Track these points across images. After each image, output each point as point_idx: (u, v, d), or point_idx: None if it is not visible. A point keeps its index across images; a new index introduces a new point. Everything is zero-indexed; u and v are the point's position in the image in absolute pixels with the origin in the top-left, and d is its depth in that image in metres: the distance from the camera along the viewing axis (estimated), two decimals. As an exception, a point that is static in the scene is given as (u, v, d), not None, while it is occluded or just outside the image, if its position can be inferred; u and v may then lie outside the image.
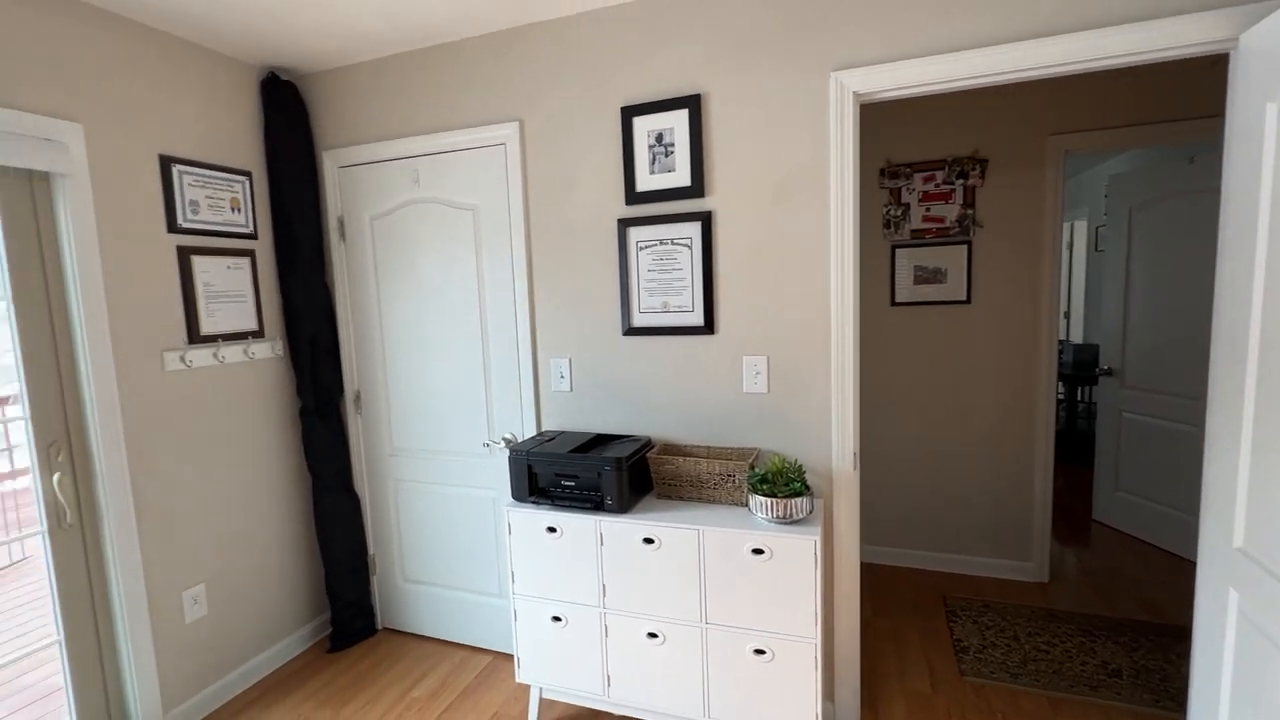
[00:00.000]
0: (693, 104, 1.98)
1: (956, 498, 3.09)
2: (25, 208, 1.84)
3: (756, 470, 1.87)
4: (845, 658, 2.07)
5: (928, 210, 2.98)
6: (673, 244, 2.07)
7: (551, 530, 1.98)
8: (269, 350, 2.48)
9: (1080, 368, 4.95)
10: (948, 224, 2.96)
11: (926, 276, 3.02)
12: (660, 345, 2.14)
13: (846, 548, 2.02)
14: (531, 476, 2.02)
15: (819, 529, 1.73)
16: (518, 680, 2.12)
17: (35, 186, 1.86)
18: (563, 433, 2.22)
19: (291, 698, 2.34)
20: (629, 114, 2.07)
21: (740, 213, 1.99)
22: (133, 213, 2.04)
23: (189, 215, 2.20)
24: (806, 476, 1.92)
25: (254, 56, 2.36)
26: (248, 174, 2.41)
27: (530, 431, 2.35)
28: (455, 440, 2.51)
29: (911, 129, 2.97)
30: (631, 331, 2.16)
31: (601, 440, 2.14)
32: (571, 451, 1.97)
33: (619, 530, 1.90)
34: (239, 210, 2.37)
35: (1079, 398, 5.51)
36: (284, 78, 2.50)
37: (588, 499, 1.95)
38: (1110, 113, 2.73)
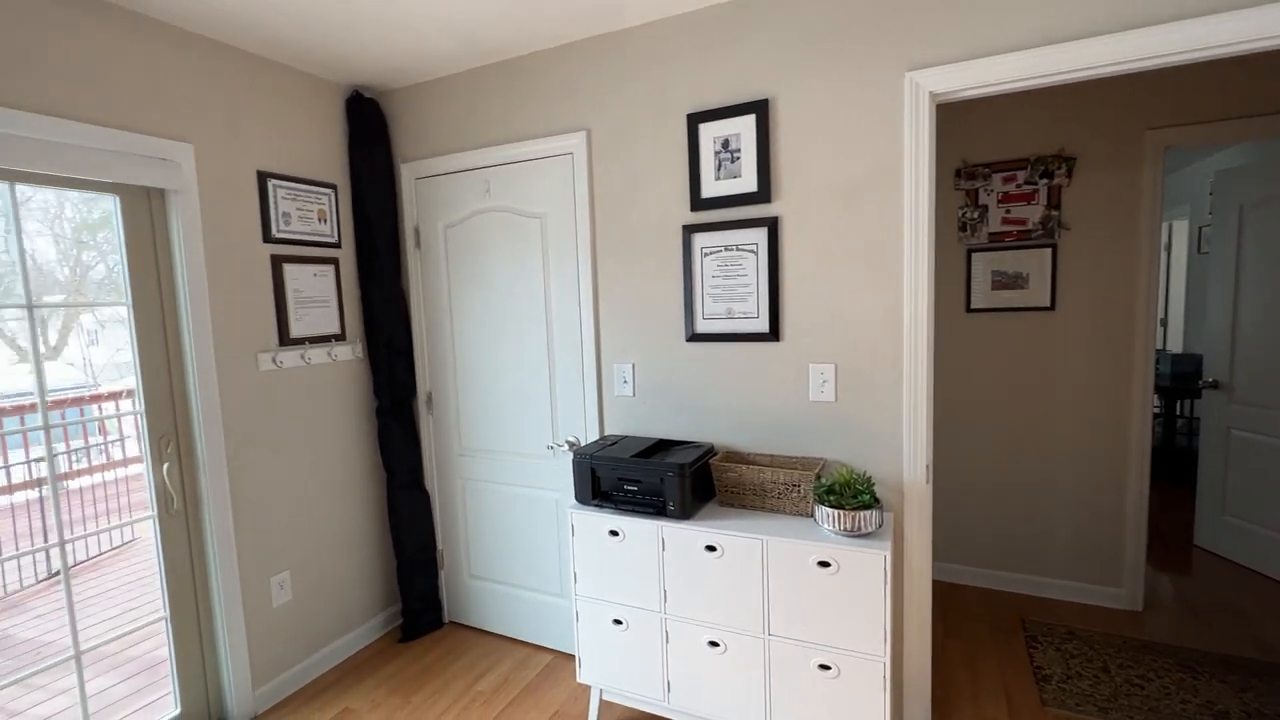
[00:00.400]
0: (760, 109, 1.97)
1: (1037, 516, 2.91)
2: (144, 221, 2.03)
3: (823, 481, 1.82)
4: (915, 679, 1.99)
5: (1008, 212, 2.84)
6: (738, 250, 2.05)
7: (614, 534, 2.00)
8: (350, 352, 2.63)
9: (1180, 380, 4.56)
10: (1030, 226, 2.80)
11: (1006, 282, 2.87)
12: (724, 351, 2.12)
13: (917, 564, 1.94)
14: (595, 480, 2.05)
15: (889, 543, 1.67)
16: (579, 680, 2.15)
17: (152, 202, 2.04)
18: (625, 437, 2.24)
19: (365, 683, 2.46)
20: (695, 121, 2.07)
21: (808, 218, 1.95)
22: (234, 225, 2.21)
23: (281, 226, 2.36)
24: (875, 489, 1.86)
25: (340, 76, 2.52)
26: (333, 187, 2.56)
27: (593, 435, 2.38)
28: (520, 442, 2.57)
29: (990, 127, 2.84)
30: (695, 338, 2.15)
31: (664, 446, 2.14)
32: (634, 456, 1.99)
33: (681, 536, 1.89)
34: (325, 221, 2.53)
35: (1178, 412, 5.08)
36: (367, 95, 2.65)
37: (650, 504, 1.96)
38: (1218, 104, 2.52)
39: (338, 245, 2.58)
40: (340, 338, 2.59)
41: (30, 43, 1.71)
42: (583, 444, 2.41)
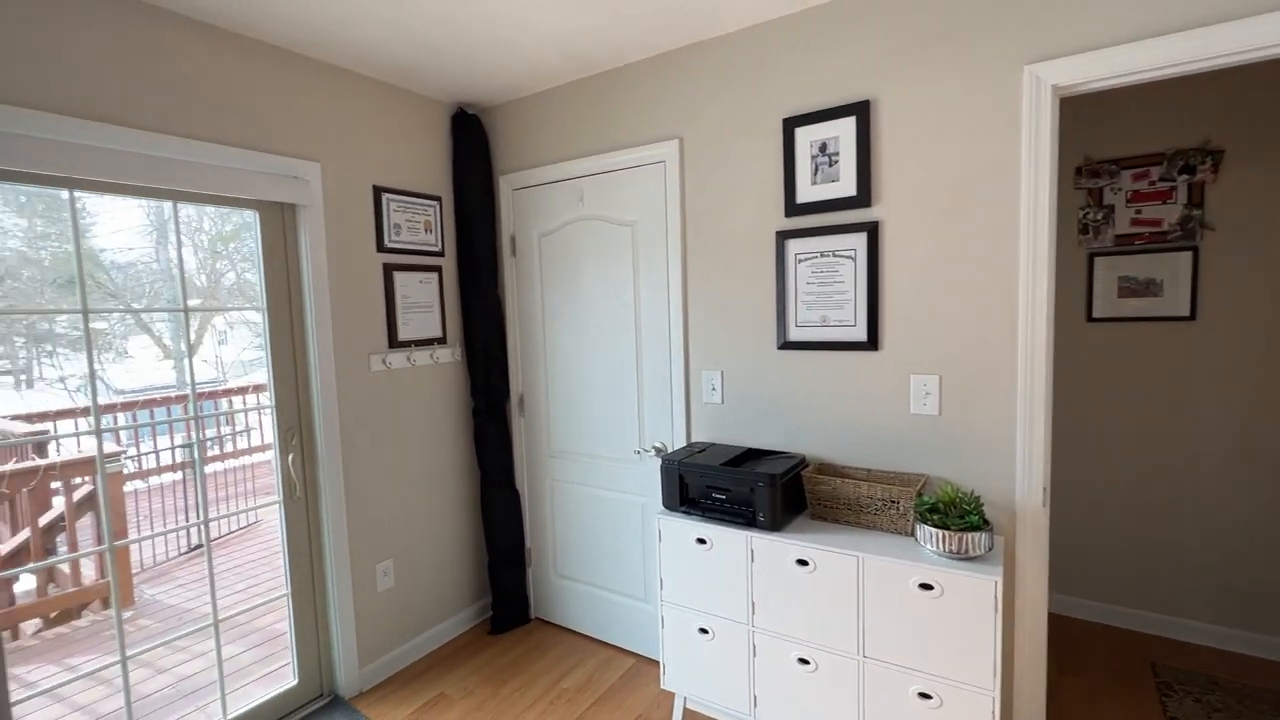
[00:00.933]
0: (860, 110, 1.90)
1: (1173, 549, 2.62)
2: (277, 233, 2.24)
3: (925, 498, 1.73)
4: (1028, 717, 1.84)
5: (1138, 212, 2.58)
6: (834, 256, 1.99)
7: (701, 542, 1.98)
8: (450, 355, 2.78)
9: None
10: (1165, 228, 2.53)
11: (1135, 288, 2.61)
12: (817, 360, 2.06)
13: (1032, 594, 1.79)
14: (683, 486, 2.05)
15: (999, 569, 1.56)
16: (662, 686, 2.15)
17: (285, 216, 2.25)
18: (713, 445, 2.22)
19: (458, 671, 2.57)
20: (791, 125, 2.03)
21: (912, 222, 1.87)
22: (352, 236, 2.40)
23: (393, 237, 2.54)
24: (984, 510, 1.74)
25: (447, 95, 2.67)
26: (438, 199, 2.72)
27: (680, 441, 2.38)
28: (608, 445, 2.61)
29: (1118, 119, 2.59)
30: (787, 346, 2.11)
31: (753, 455, 2.11)
32: (723, 465, 1.97)
33: (771, 548, 1.85)
34: (430, 231, 2.69)
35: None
36: (470, 112, 2.79)
37: (739, 514, 1.93)
38: None
39: (441, 254, 2.73)
40: (442, 341, 2.74)
41: (193, 77, 1.93)
42: (670, 450, 2.42)
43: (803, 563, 1.80)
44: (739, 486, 1.92)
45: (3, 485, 3.13)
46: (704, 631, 2.01)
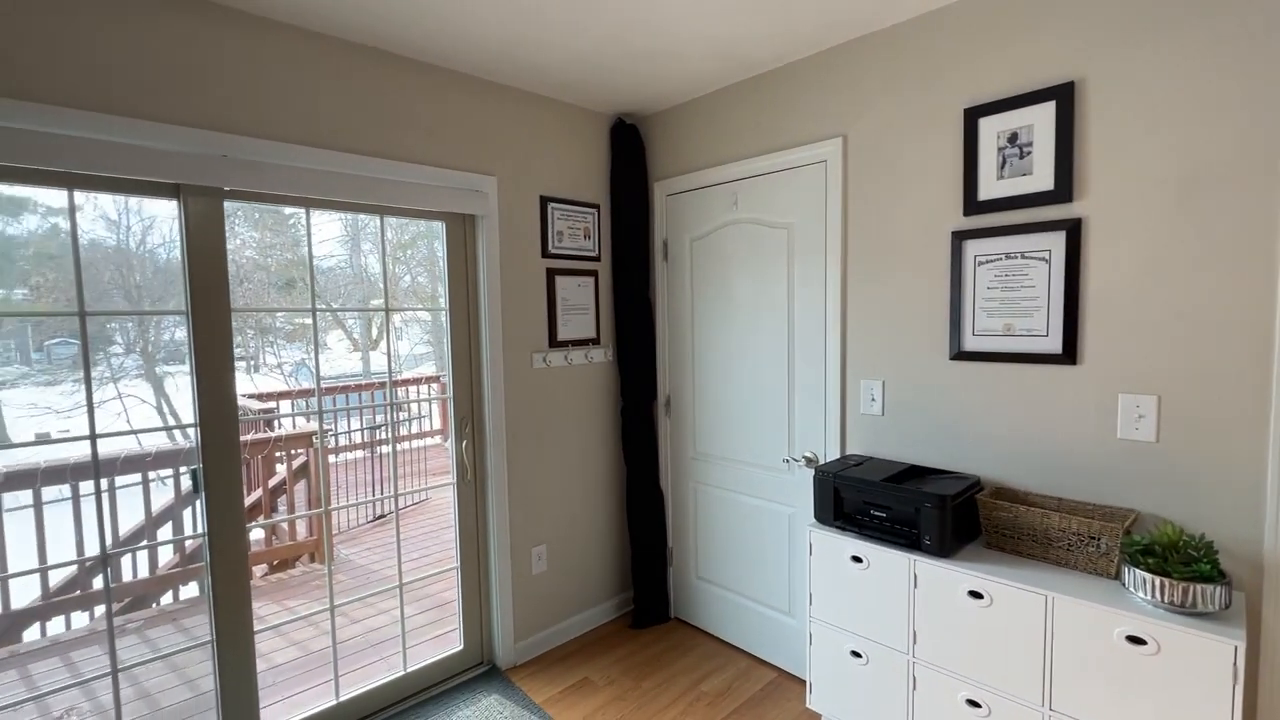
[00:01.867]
0: (1062, 94, 1.69)
1: None
2: (459, 242, 2.48)
3: (1136, 538, 1.49)
4: (1269, 815, 1.52)
5: None
6: (1023, 258, 1.79)
7: (857, 560, 1.88)
8: (602, 355, 2.90)
9: None
10: None
11: None
12: (998, 373, 1.87)
13: (1281, 666, 1.48)
14: (838, 500, 1.96)
15: (1241, 632, 1.30)
16: (807, 705, 2.07)
17: (465, 226, 2.49)
18: (870, 458, 2.10)
19: (601, 659, 2.68)
20: (973, 116, 1.86)
21: (1126, 218, 1.62)
22: (521, 243, 2.59)
23: (556, 243, 2.70)
24: (1219, 559, 1.46)
25: (607, 107, 2.80)
26: (596, 206, 2.85)
27: (833, 453, 2.28)
28: (755, 452, 2.57)
29: None
30: (961, 356, 1.93)
31: (916, 473, 1.96)
32: (884, 481, 1.85)
33: (938, 575, 1.71)
34: (589, 237, 2.83)
35: None
36: (628, 121, 2.90)
37: (900, 534, 1.81)
38: None
39: (597, 259, 2.87)
40: (596, 342, 2.87)
41: (401, 107, 2.21)
42: (822, 461, 2.33)
43: (976, 595, 1.64)
44: (902, 505, 1.79)
45: (245, 453, 3.79)
46: (857, 655, 1.91)
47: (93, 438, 1.79)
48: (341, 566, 3.91)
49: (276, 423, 5.05)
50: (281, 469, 4.00)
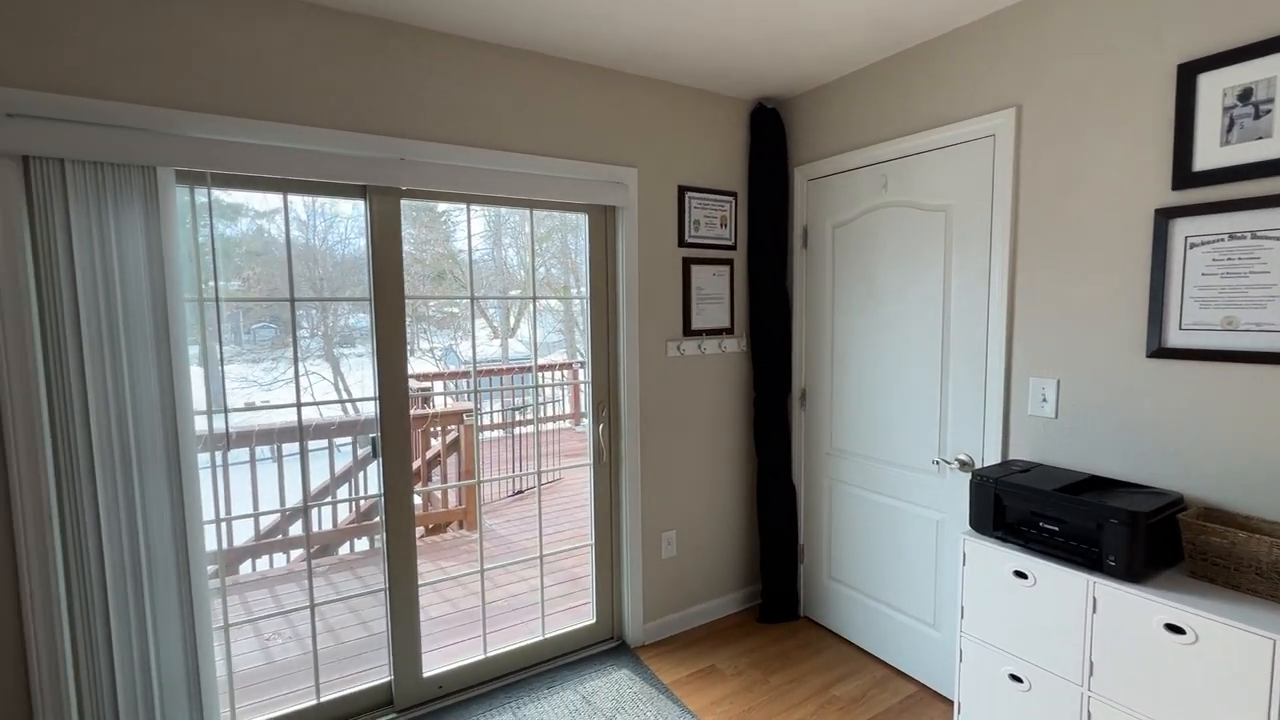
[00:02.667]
0: (1320, 37, 1.39)
1: None
2: (600, 232, 2.57)
3: None
4: None
5: None
6: (1253, 238, 1.50)
7: (1020, 576, 1.71)
8: (736, 345, 2.87)
9: None
10: None
11: None
12: (1215, 374, 1.59)
13: None
14: (999, 509, 1.79)
15: None
16: (954, 727, 1.92)
17: (606, 217, 2.57)
18: (1038, 465, 1.89)
19: (729, 649, 2.67)
20: (1190, 72, 1.59)
21: None
22: (659, 232, 2.63)
23: (692, 232, 2.71)
24: None
25: (747, 92, 2.74)
26: (733, 194, 2.82)
27: (992, 456, 2.08)
28: (900, 452, 2.42)
29: None
30: (1163, 353, 1.67)
31: (1097, 484, 1.73)
32: (1058, 491, 1.66)
33: (1124, 603, 1.50)
34: (725, 226, 2.80)
35: None
36: (769, 106, 2.82)
37: (1076, 551, 1.61)
38: None
39: (733, 248, 2.84)
40: (729, 332, 2.85)
41: (555, 104, 2.32)
42: (979, 465, 2.13)
43: (1175, 629, 1.42)
44: (1081, 520, 1.60)
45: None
46: (1016, 679, 1.73)
47: (298, 406, 2.10)
48: (486, 535, 4.25)
49: (430, 401, 5.58)
50: (436, 443, 4.42)
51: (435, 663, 2.37)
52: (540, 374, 7.47)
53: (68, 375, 1.62)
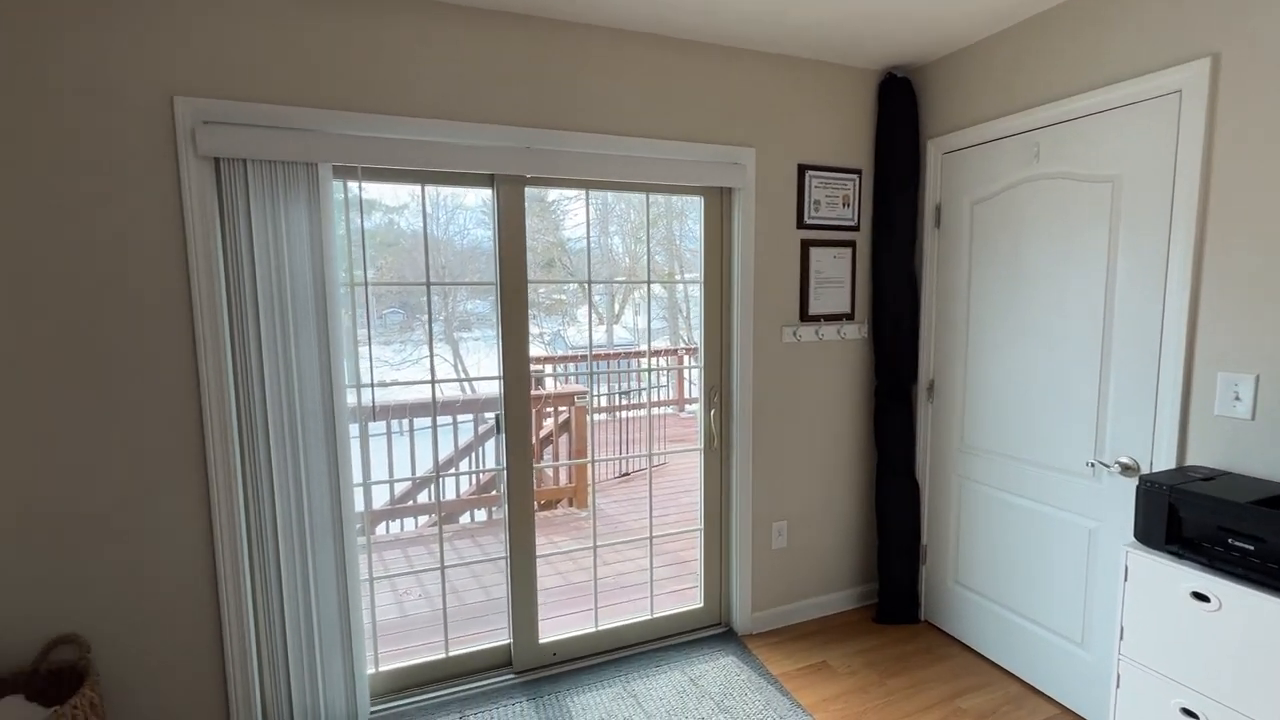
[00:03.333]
0: None
1: None
2: (715, 215, 2.53)
3: None
4: None
5: None
6: None
7: (1200, 599, 1.49)
8: (856, 332, 2.73)
9: None
10: None
11: None
12: None
13: None
14: (1173, 520, 1.57)
15: None
16: (1107, 758, 1.73)
17: (722, 199, 2.53)
18: (1226, 474, 1.64)
19: (841, 646, 2.58)
20: None
21: None
22: (776, 214, 2.55)
23: (812, 213, 2.60)
24: None
25: (876, 62, 2.57)
26: (857, 171, 2.66)
27: (1164, 461, 1.83)
28: (1045, 451, 2.20)
29: None
30: None
31: (1309, 499, 1.47)
32: (1257, 504, 1.43)
33: (1345, 640, 1.27)
34: (848, 205, 2.66)
35: None
36: (899, 75, 2.63)
37: (1278, 575, 1.38)
38: None
39: (855, 228, 2.69)
40: (850, 317, 2.71)
41: (664, 86, 2.30)
42: (1147, 470, 1.89)
43: None
44: (1287, 539, 1.36)
45: (521, 405, 4.45)
46: (1190, 715, 1.52)
47: (432, 383, 2.26)
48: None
49: (542, 383, 5.81)
50: (548, 423, 4.61)
51: (549, 631, 2.49)
52: (647, 359, 7.55)
53: (249, 350, 1.85)
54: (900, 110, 2.59)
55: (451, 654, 2.34)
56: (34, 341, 1.69)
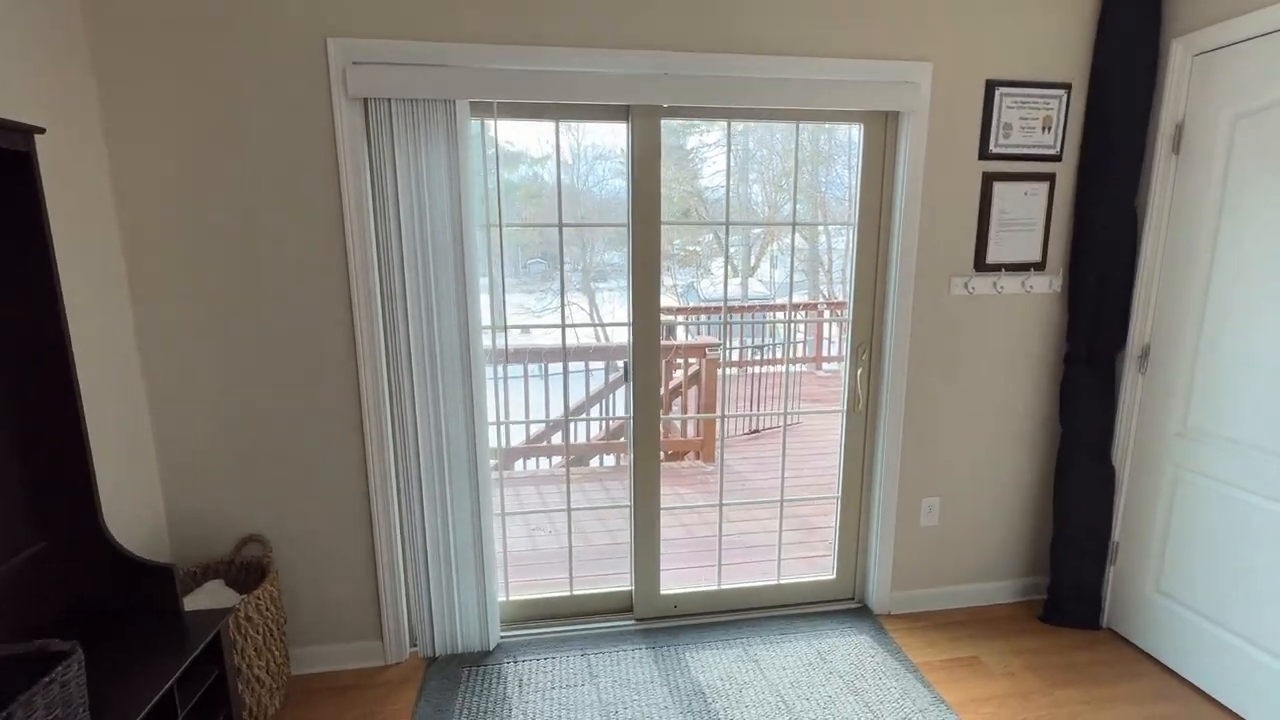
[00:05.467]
0: None
1: None
2: (877, 144, 2.19)
3: None
4: None
5: None
6: None
7: None
8: (1046, 285, 2.28)
9: None
10: None
11: None
12: None
13: None
14: None
15: None
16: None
17: (886, 126, 2.17)
18: None
19: (996, 643, 2.27)
20: None
21: None
22: (954, 142, 2.15)
23: (1000, 140, 2.16)
24: None
25: (1107, -62, 2.02)
26: (1065, 87, 2.16)
27: None
28: (1313, 443, 1.69)
29: None
30: None
31: None
32: None
33: None
34: (1048, 130, 2.17)
35: None
36: (1138, -46, 2.05)
37: None
38: None
39: (1057, 158, 2.20)
40: (1039, 267, 2.26)
41: (828, -8, 1.99)
42: None
43: None
44: None
45: (652, 355, 4.41)
46: None
47: (563, 327, 2.24)
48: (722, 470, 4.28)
49: (674, 333, 5.74)
50: (678, 374, 4.53)
51: (670, 583, 2.45)
52: (785, 312, 7.17)
53: (394, 286, 1.92)
54: (1133, 1, 2.03)
55: (576, 592, 2.39)
56: (214, 269, 1.88)
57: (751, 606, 2.45)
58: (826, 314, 6.93)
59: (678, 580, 2.51)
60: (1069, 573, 2.35)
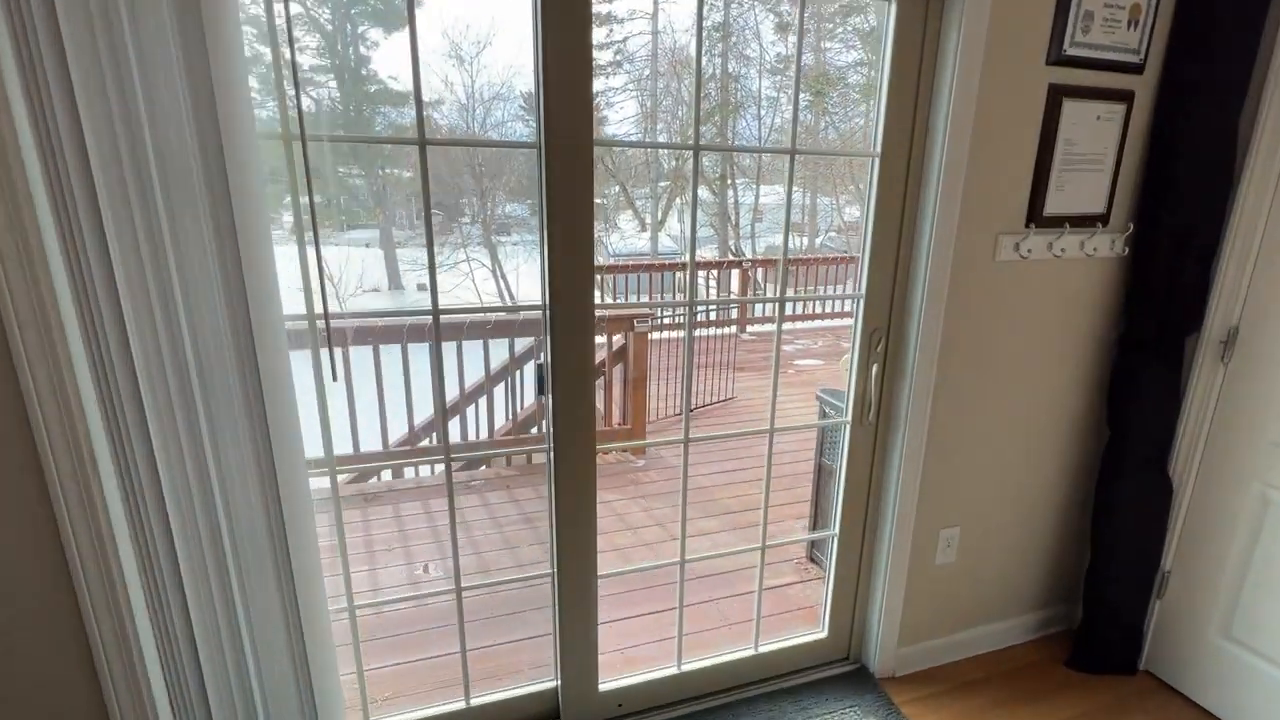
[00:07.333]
0: None
1: None
2: (913, 40, 1.47)
3: None
4: None
5: None
6: None
7: None
8: (1108, 247, 1.71)
9: None
10: None
11: None
12: None
13: None
14: None
15: None
16: None
17: (928, 12, 1.46)
18: None
19: (1029, 707, 1.78)
20: None
21: None
22: (1019, 37, 1.48)
23: (1077, 36, 1.51)
24: None
25: None
26: (1161, -36, 1.53)
27: None
28: None
29: None
30: None
31: None
32: None
33: None
34: (1135, 25, 1.55)
35: None
36: None
37: None
38: None
39: (1139, 68, 1.59)
40: (1103, 221, 1.68)
41: None
42: None
43: None
44: None
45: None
46: None
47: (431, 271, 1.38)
48: (653, 463, 3.61)
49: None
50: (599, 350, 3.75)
51: (612, 669, 1.74)
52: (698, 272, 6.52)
53: (84, 252, 0.98)
54: None
55: (475, 702, 1.62)
56: None
57: (722, 690, 1.81)
58: (756, 275, 6.39)
59: (622, 662, 1.81)
60: (1105, 605, 1.89)
